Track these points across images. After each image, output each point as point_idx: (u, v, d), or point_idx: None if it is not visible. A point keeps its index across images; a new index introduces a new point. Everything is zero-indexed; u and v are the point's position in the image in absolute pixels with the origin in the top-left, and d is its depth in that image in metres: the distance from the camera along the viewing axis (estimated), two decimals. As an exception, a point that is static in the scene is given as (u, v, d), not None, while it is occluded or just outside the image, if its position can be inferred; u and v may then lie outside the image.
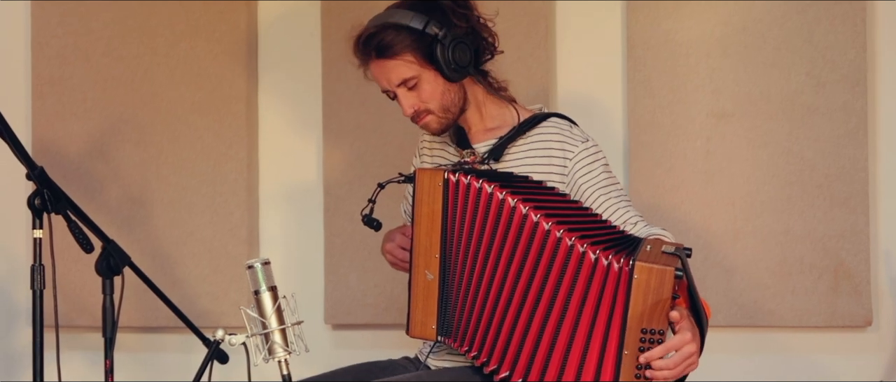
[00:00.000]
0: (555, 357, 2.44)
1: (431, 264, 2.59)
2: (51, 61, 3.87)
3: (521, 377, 2.47)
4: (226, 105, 3.77)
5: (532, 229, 2.47)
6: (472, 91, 2.75)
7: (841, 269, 3.37)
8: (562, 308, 2.43)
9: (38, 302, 2.67)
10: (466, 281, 2.56)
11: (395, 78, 2.67)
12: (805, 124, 3.41)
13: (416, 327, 2.64)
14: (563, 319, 2.43)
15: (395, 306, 3.61)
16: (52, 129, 3.86)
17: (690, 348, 2.35)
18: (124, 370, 3.71)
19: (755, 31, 3.44)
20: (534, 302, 2.46)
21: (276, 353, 2.48)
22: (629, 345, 2.35)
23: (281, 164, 3.81)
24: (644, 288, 2.34)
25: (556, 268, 2.44)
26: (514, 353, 2.48)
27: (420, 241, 2.61)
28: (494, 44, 2.75)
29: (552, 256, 2.45)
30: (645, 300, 2.34)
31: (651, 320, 2.34)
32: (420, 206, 2.60)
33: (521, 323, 2.48)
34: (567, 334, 2.43)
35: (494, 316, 2.52)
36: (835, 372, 3.43)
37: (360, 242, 3.67)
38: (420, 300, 2.62)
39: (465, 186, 2.55)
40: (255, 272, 2.52)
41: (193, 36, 3.79)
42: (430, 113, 2.71)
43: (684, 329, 2.35)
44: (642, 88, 3.51)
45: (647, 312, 2.34)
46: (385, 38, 2.63)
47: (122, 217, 3.79)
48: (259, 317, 2.50)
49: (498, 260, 2.51)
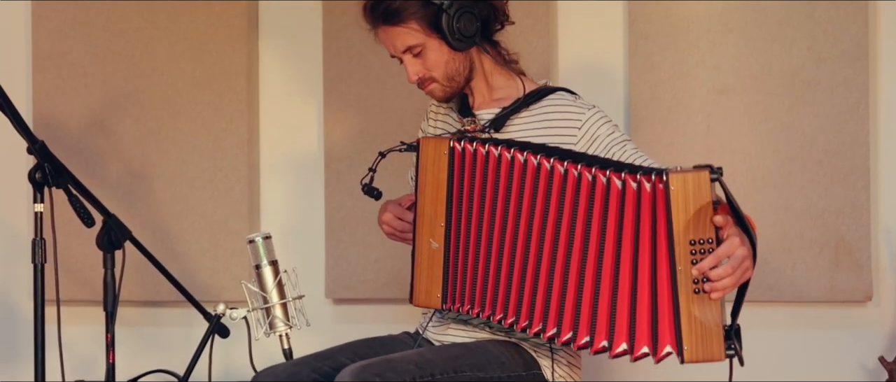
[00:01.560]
0: (602, 300, 2.39)
1: (436, 232, 2.59)
2: (51, 35, 3.86)
3: (571, 330, 2.43)
4: (226, 79, 3.76)
5: (548, 175, 2.45)
6: (479, 60, 2.74)
7: (841, 244, 3.38)
8: (598, 246, 2.39)
9: (39, 276, 2.68)
10: (475, 247, 2.55)
11: (401, 44, 2.68)
12: (806, 99, 3.40)
13: (420, 296, 2.63)
14: (603, 257, 2.38)
15: (396, 280, 3.61)
16: (52, 103, 3.85)
17: (742, 251, 2.31)
18: (125, 344, 3.71)
19: (756, 6, 3.43)
20: (566, 250, 2.43)
21: (277, 327, 2.49)
22: (681, 260, 2.29)
23: (282, 138, 3.81)
24: (683, 198, 2.27)
25: (582, 207, 2.41)
26: (557, 308, 2.44)
27: (425, 210, 2.60)
28: (505, 14, 2.75)
29: (575, 196, 2.41)
30: (686, 209, 2.27)
31: (697, 229, 2.29)
32: (424, 175, 2.59)
33: (558, 275, 2.44)
34: (610, 272, 2.38)
35: (525, 275, 2.48)
36: (835, 347, 3.43)
37: (361, 216, 3.67)
38: (424, 268, 2.61)
39: (472, 153, 2.54)
40: (256, 246, 2.52)
41: (194, 10, 3.78)
42: (434, 80, 2.71)
43: (732, 234, 2.31)
44: (643, 63, 3.51)
45: (692, 222, 2.28)
46: (391, 5, 2.63)
47: (122, 191, 3.79)
48: (260, 292, 2.51)
49: (518, 218, 2.49)
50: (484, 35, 2.70)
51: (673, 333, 2.33)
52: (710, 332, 2.32)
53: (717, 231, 2.32)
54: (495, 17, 2.72)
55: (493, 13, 2.71)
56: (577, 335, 2.42)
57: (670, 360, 2.37)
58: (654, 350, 2.36)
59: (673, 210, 2.29)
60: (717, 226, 2.32)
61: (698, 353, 2.32)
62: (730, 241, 2.31)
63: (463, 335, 2.74)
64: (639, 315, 2.36)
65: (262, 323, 2.52)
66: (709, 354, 2.32)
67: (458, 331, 2.75)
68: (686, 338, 2.31)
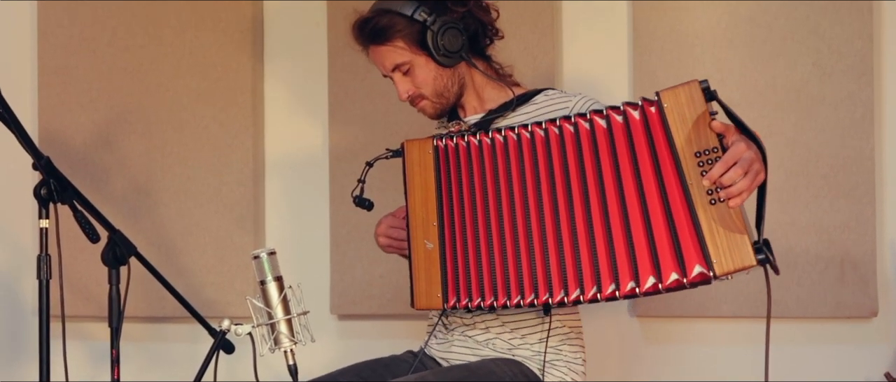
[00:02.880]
0: (618, 244, 2.39)
1: (430, 233, 2.59)
2: (57, 51, 3.87)
3: (594, 285, 2.42)
4: (231, 95, 3.77)
5: (530, 143, 2.46)
6: (469, 75, 2.75)
7: (847, 260, 3.37)
8: (598, 193, 2.39)
9: (44, 291, 2.68)
10: (473, 238, 2.55)
11: (389, 63, 2.70)
12: (811, 115, 3.40)
13: (421, 298, 2.63)
14: (606, 202, 2.39)
15: (401, 296, 3.61)
16: (58, 119, 3.86)
17: (749, 154, 2.29)
18: (130, 360, 3.71)
19: (761, 21, 3.43)
20: (567, 209, 2.43)
21: (282, 343, 2.49)
22: (691, 174, 2.29)
23: (286, 154, 3.81)
24: (678, 112, 2.28)
25: (572, 161, 2.42)
26: (575, 268, 2.43)
27: (416, 212, 2.61)
28: (494, 28, 2.75)
29: (562, 152, 2.43)
30: (684, 122, 2.27)
31: (700, 140, 2.28)
32: (412, 178, 2.61)
33: (567, 236, 2.43)
34: (618, 213, 2.38)
35: (532, 248, 2.48)
36: (840, 363, 3.43)
37: (366, 232, 3.66)
38: (422, 270, 2.61)
39: (454, 147, 2.57)
40: (261, 262, 2.52)
41: (199, 26, 3.79)
42: (424, 98, 2.73)
43: (736, 140, 2.30)
44: (648, 79, 3.51)
45: (693, 133, 2.28)
46: (378, 24, 2.65)
47: (127, 207, 3.80)
48: (265, 307, 2.51)
49: (511, 196, 2.50)
50: (473, 50, 2.71)
51: (699, 251, 2.31)
52: (736, 240, 2.29)
53: (720, 140, 2.31)
54: (484, 32, 2.73)
55: (481, 28, 2.72)
56: (602, 286, 2.41)
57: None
58: (683, 273, 2.34)
59: (671, 126, 2.29)
60: (718, 133, 2.31)
61: (728, 264, 2.29)
62: (735, 146, 2.30)
63: (467, 352, 2.74)
64: (659, 244, 2.36)
65: (266, 339, 2.52)
66: (740, 261, 2.29)
67: (462, 349, 2.75)
68: (713, 252, 2.29)
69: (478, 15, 2.70)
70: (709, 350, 3.49)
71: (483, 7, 2.72)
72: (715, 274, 2.31)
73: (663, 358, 3.51)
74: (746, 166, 2.29)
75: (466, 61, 2.70)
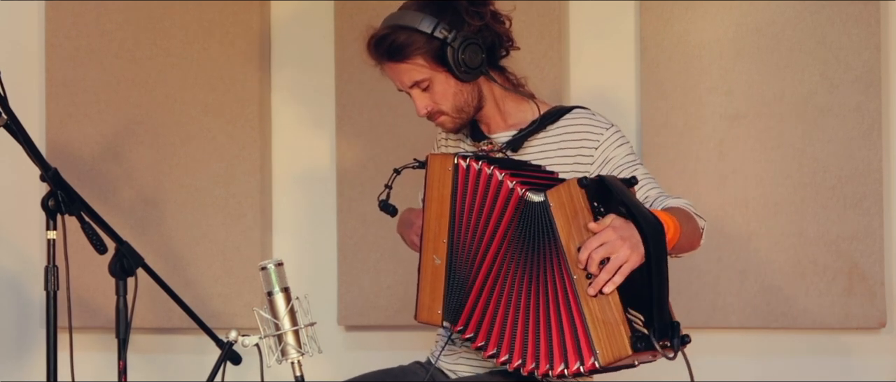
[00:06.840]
0: (541, 326, 2.41)
1: (439, 249, 2.58)
2: (64, 63, 3.88)
3: (533, 360, 2.43)
4: (239, 106, 3.77)
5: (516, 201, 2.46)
6: (488, 89, 2.71)
7: (855, 271, 3.37)
8: (541, 277, 2.41)
9: (51, 303, 2.68)
10: (470, 268, 2.54)
11: (408, 80, 2.65)
12: (818, 125, 3.40)
13: (423, 311, 2.63)
14: (538, 286, 2.42)
15: (408, 308, 3.58)
16: (65, 131, 3.87)
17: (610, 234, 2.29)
18: (138, 371, 3.71)
19: (768, 32, 3.43)
20: (521, 279, 2.44)
21: (290, 354, 2.48)
22: (575, 269, 2.33)
23: (294, 165, 3.82)
24: (561, 210, 2.33)
25: (532, 239, 2.43)
26: (521, 338, 2.45)
27: (430, 226, 2.60)
28: (510, 39, 2.73)
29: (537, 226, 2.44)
30: (566, 219, 2.33)
31: (581, 235, 2.33)
32: (430, 191, 2.60)
33: (519, 305, 2.45)
34: (542, 297, 2.41)
35: (499, 302, 2.48)
36: (849, 374, 3.42)
37: (374, 243, 3.67)
38: (428, 284, 2.61)
39: (476, 172, 2.52)
40: (269, 273, 2.52)
41: (206, 37, 3.79)
42: (444, 113, 2.69)
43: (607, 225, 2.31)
44: (655, 90, 3.51)
45: (575, 231, 2.33)
46: (396, 41, 2.60)
47: (135, 218, 3.80)
48: (272, 318, 2.50)
49: (501, 245, 2.48)
50: (490, 63, 2.69)
51: (587, 342, 2.35)
52: (612, 331, 2.32)
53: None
54: (500, 44, 2.70)
55: (498, 40, 2.69)
56: (553, 364, 2.41)
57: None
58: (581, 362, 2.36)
59: (556, 223, 2.34)
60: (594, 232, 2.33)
61: (608, 354, 2.32)
62: (599, 234, 2.31)
63: (474, 364, 2.73)
64: (566, 333, 2.38)
65: (274, 350, 2.51)
66: (617, 352, 2.32)
67: (469, 362, 2.74)
68: (596, 343, 2.33)
69: (494, 27, 2.67)
70: (717, 360, 3.48)
71: (498, 19, 2.70)
72: (599, 364, 2.34)
73: (670, 369, 3.51)
74: (609, 250, 2.30)
75: (486, 75, 2.68)
